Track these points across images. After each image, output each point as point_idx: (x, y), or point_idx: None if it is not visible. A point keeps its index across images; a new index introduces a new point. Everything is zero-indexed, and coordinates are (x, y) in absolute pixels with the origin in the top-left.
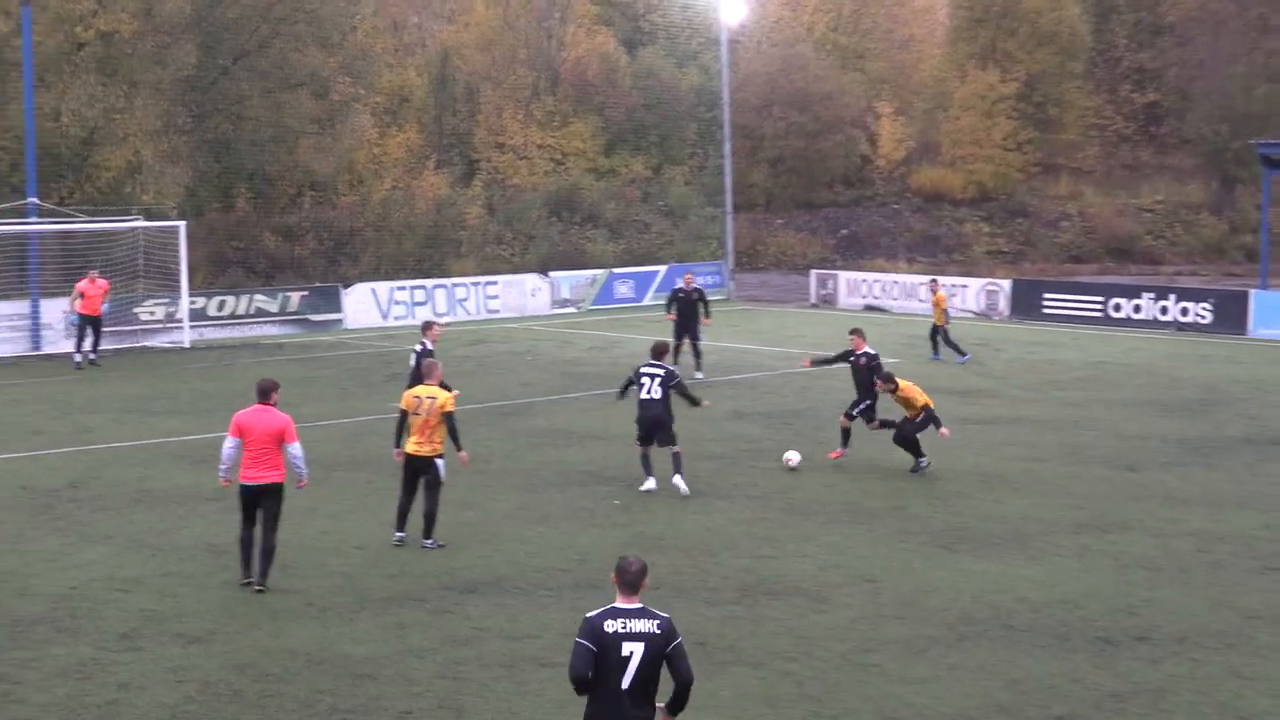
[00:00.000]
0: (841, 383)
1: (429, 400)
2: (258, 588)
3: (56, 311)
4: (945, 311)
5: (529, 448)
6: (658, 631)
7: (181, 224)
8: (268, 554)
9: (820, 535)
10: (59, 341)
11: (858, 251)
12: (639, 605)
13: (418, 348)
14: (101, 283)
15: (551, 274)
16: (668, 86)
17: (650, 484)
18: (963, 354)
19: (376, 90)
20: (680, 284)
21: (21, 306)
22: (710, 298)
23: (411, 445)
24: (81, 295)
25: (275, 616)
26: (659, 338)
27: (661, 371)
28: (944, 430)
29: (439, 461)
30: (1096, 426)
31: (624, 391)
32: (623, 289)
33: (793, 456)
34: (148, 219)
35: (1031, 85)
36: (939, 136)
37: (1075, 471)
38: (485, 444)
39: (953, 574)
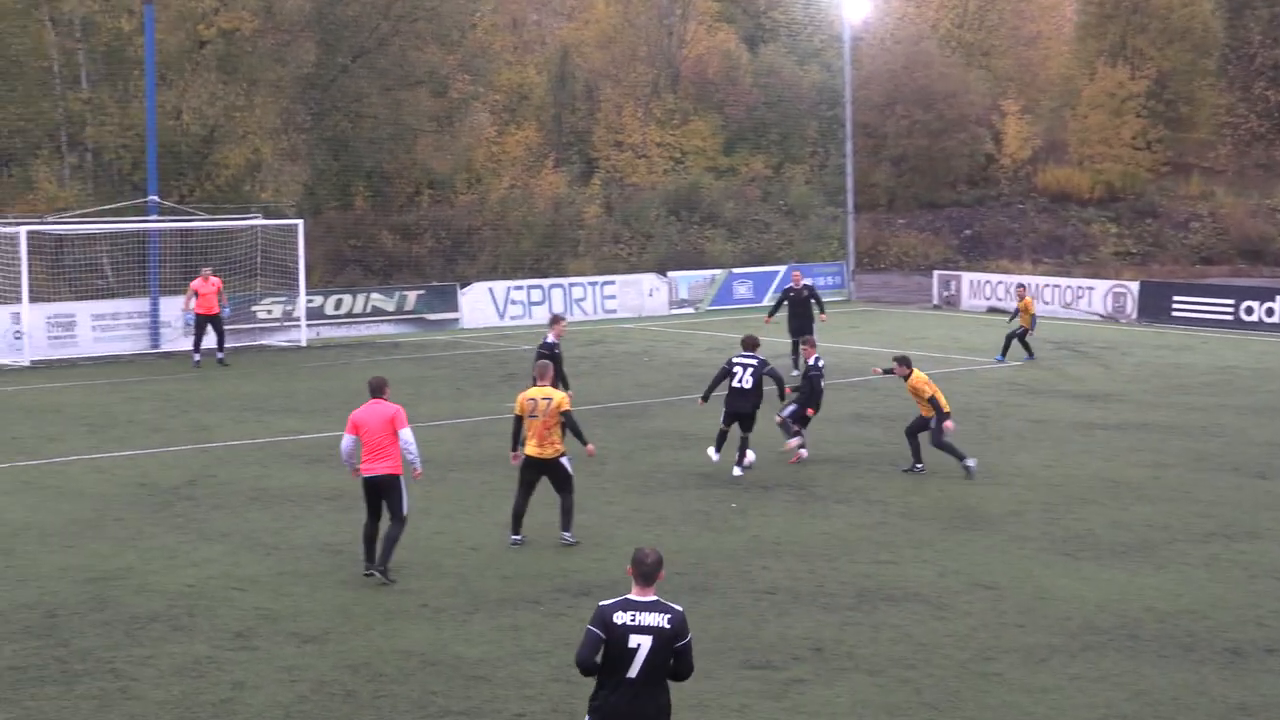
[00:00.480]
0: (966, 385)
1: (544, 402)
2: (370, 573)
3: (175, 309)
4: (1033, 317)
5: (645, 449)
6: (667, 626)
7: (299, 222)
8: (389, 541)
9: (939, 541)
10: (177, 339)
11: (981, 252)
12: (653, 598)
13: (549, 338)
14: (215, 281)
15: (669, 274)
16: (789, 84)
17: (715, 456)
18: (1031, 354)
19: (495, 88)
20: (790, 282)
21: (141, 304)
22: (830, 299)
23: (532, 448)
24: (195, 294)
25: (390, 617)
26: (776, 337)
27: (754, 361)
28: (948, 424)
29: (564, 460)
30: (1225, 432)
31: (712, 389)
32: (741, 289)
33: (712, 453)
34: (266, 217)
35: (1162, 83)
36: (1066, 135)
37: (1203, 478)
38: (601, 446)
39: (1075, 582)
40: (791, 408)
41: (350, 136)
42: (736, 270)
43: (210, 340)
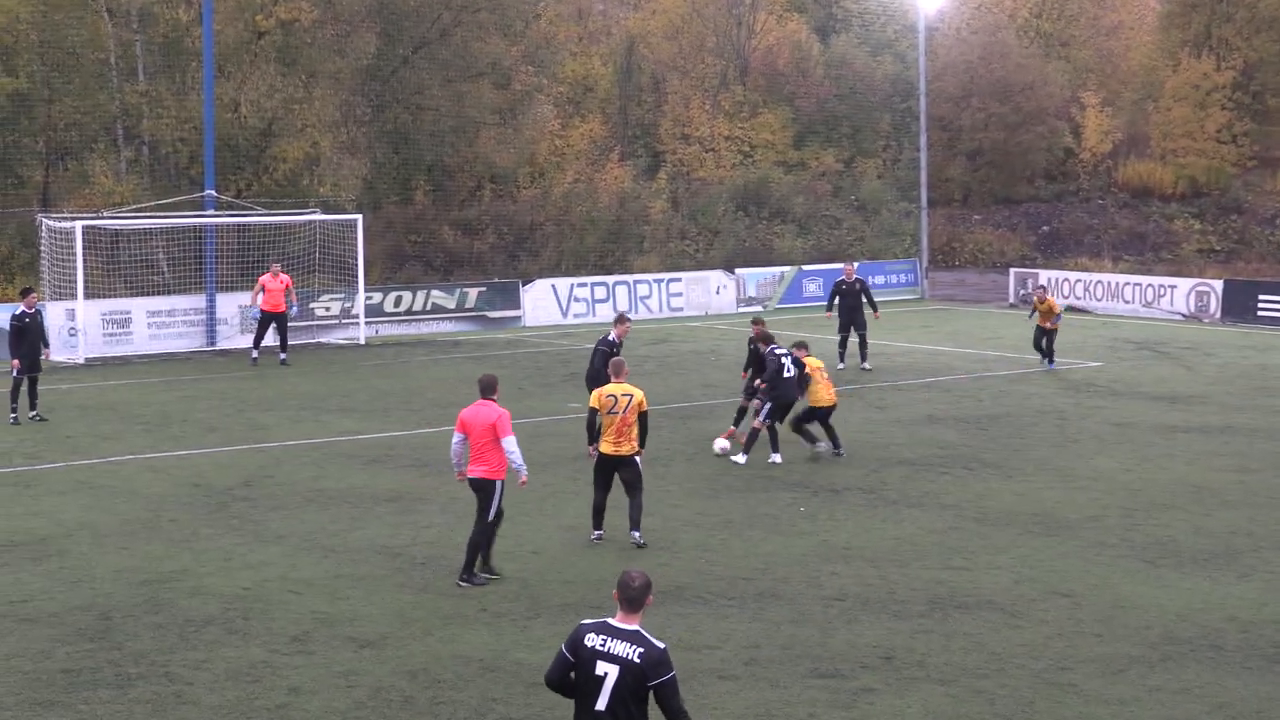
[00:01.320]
0: (1043, 387)
1: (624, 399)
2: (466, 582)
3: (232, 306)
4: (1057, 316)
5: (710, 451)
6: (637, 660)
7: (359, 217)
8: (473, 546)
9: (1014, 546)
10: (234, 337)
11: (1059, 249)
12: (633, 627)
13: (611, 337)
14: (284, 278)
15: (737, 271)
16: (861, 76)
17: (777, 457)
18: (1051, 361)
19: (559, 80)
20: (842, 275)
21: (197, 301)
22: (903, 297)
23: (608, 445)
24: (263, 289)
25: (449, 622)
26: (827, 333)
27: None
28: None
29: (638, 458)
30: None
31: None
32: (811, 287)
33: (721, 444)
34: (325, 212)
35: (1249, 74)
36: (1148, 128)
37: None
38: (666, 447)
39: (1155, 590)
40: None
41: (411, 129)
42: (806, 267)
43: (272, 338)
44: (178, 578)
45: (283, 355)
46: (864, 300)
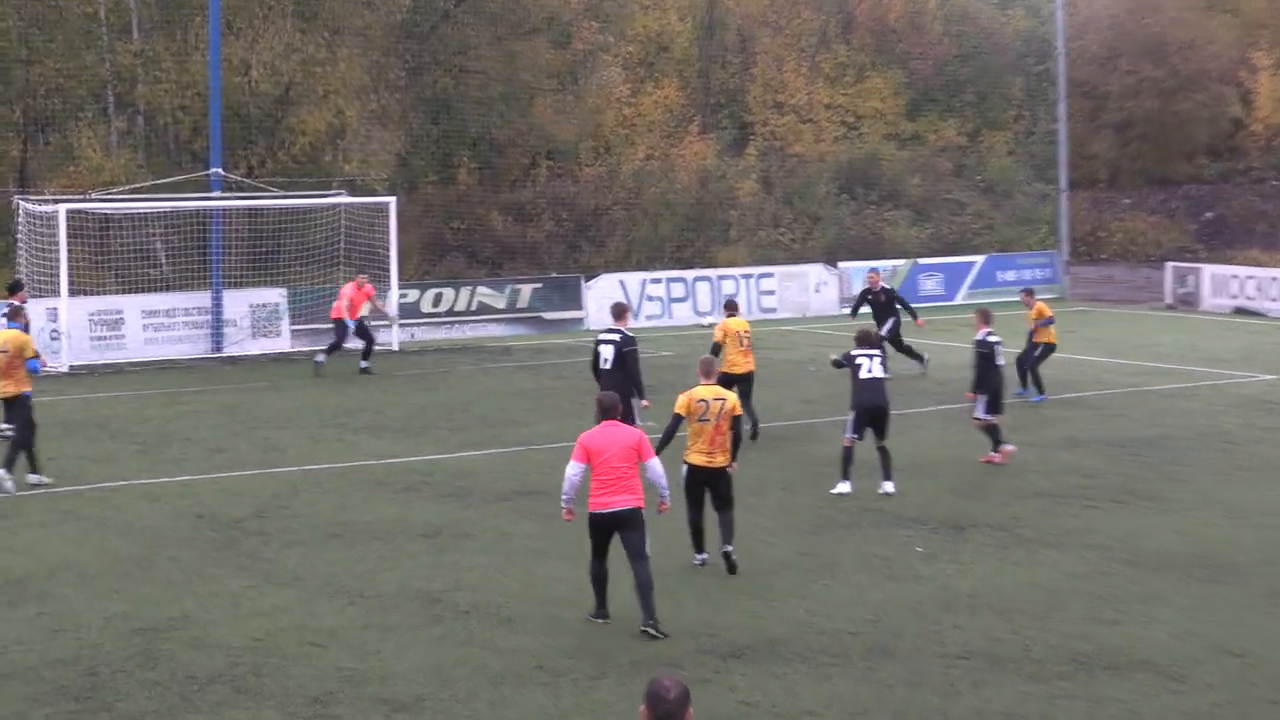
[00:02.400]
0: (1207, 404)
1: (717, 403)
2: (647, 628)
3: (242, 305)
4: (1049, 321)
5: (811, 479)
6: None
7: (391, 200)
8: (644, 588)
9: (1173, 595)
10: (244, 341)
11: (1226, 240)
12: None
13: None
14: (368, 289)
15: (841, 265)
16: (987, 33)
17: (845, 487)
18: (1041, 391)
19: (629, 38)
20: (866, 283)
21: (200, 299)
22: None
23: (699, 456)
24: (351, 302)
25: (498, 681)
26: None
27: (880, 352)
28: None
29: (730, 470)
30: None
31: (839, 364)
32: (929, 284)
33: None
34: (351, 193)
35: None
36: None
37: None
38: (757, 474)
39: None
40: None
41: (453, 96)
42: (923, 260)
43: (343, 346)
44: (177, 626)
45: (365, 363)
46: (898, 309)
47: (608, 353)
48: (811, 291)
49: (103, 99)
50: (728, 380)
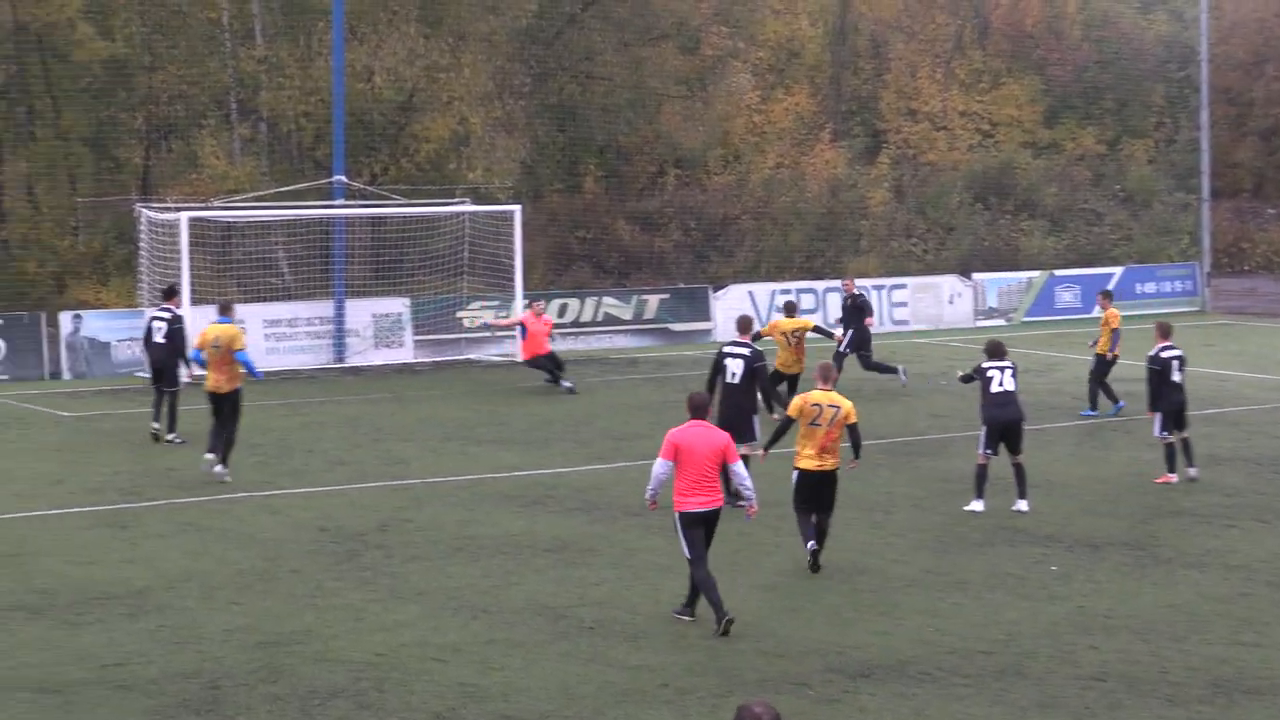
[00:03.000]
0: None
1: (831, 410)
2: (682, 614)
3: (364, 315)
4: (1114, 333)
5: (941, 495)
6: None
7: (516, 208)
8: (708, 585)
9: None
10: (366, 351)
11: None
12: None
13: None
14: (547, 319)
15: (975, 276)
16: (1128, 38)
17: (979, 505)
18: (1117, 401)
19: (759, 43)
20: (843, 290)
21: (323, 308)
22: (1180, 309)
23: (809, 461)
24: (525, 329)
25: (623, 699)
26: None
27: (1011, 365)
28: None
29: (838, 475)
30: None
31: (969, 379)
32: (1066, 296)
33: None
34: (475, 202)
35: None
36: None
37: None
38: (886, 490)
39: None
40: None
41: (579, 103)
42: (1059, 272)
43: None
44: (299, 640)
45: (567, 383)
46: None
47: (736, 367)
48: (945, 303)
49: (225, 106)
50: (778, 378)
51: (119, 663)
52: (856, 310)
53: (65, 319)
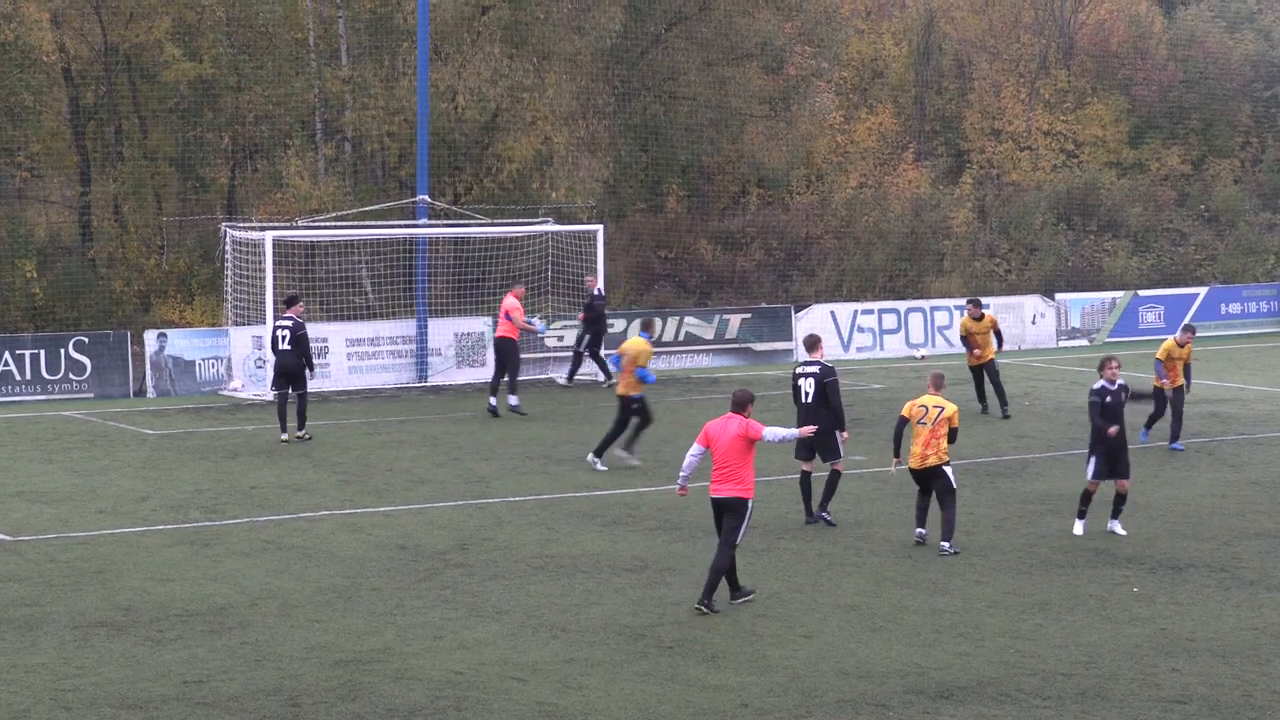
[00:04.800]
0: None
1: (935, 410)
2: (700, 607)
3: (447, 334)
4: (1186, 367)
5: (1023, 517)
6: None
7: (599, 228)
8: (715, 571)
9: None
10: (448, 371)
11: None
12: None
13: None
14: (529, 321)
15: (1058, 296)
16: (1215, 57)
17: (1079, 528)
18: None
19: (842, 63)
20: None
21: (406, 327)
22: (1265, 329)
23: (915, 460)
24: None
25: (702, 718)
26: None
27: (1116, 387)
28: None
29: (947, 468)
30: None
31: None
32: (1150, 317)
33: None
34: (559, 221)
35: None
36: None
37: None
38: (969, 511)
39: None
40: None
41: (662, 123)
42: (1143, 293)
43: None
44: (379, 658)
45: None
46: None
47: (808, 386)
48: (1027, 323)
49: (310, 126)
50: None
51: (200, 680)
52: (591, 310)
53: (150, 337)
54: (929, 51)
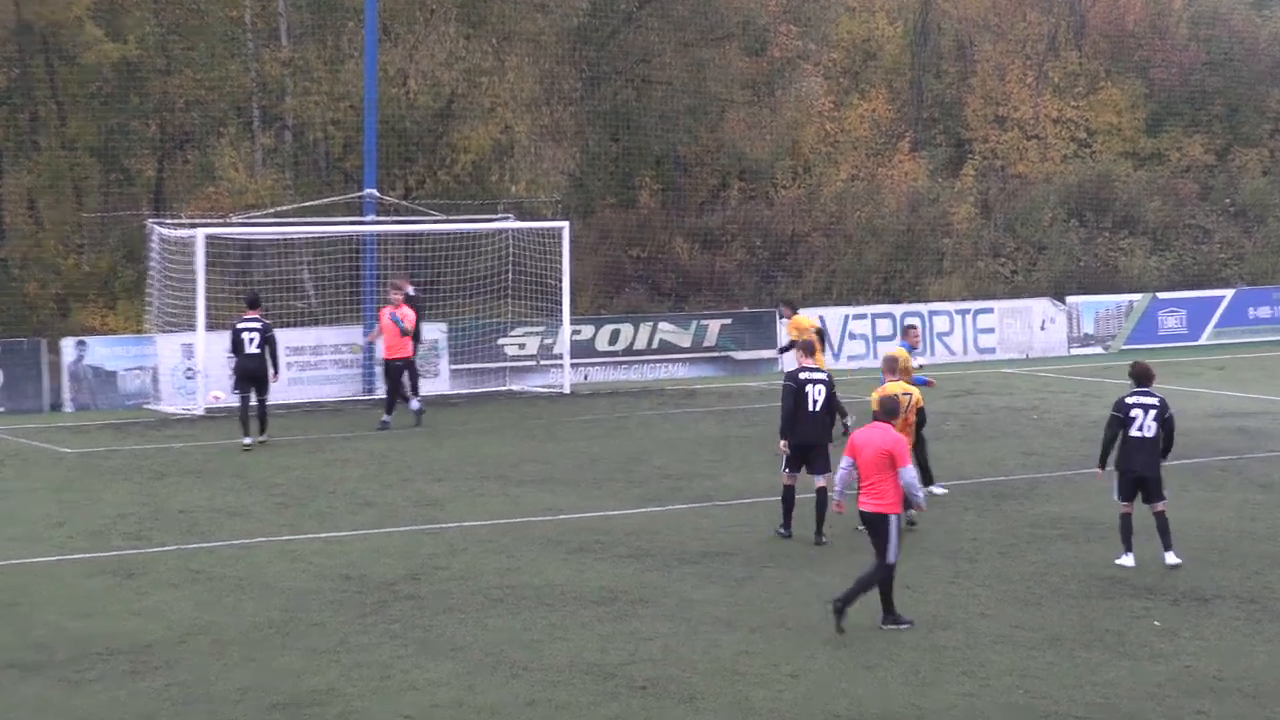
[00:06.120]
0: None
1: (905, 397)
2: (832, 604)
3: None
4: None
5: (1032, 542)
6: None
7: (564, 225)
8: (861, 582)
9: None
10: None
11: None
12: None
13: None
14: (408, 313)
15: (1069, 299)
16: (1240, 37)
17: (1128, 560)
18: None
19: (832, 44)
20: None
21: (351, 334)
22: None
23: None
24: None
25: None
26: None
27: (1156, 402)
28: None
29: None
30: None
31: (1108, 449)
32: (1170, 322)
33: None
34: (519, 217)
35: None
36: None
37: None
38: (971, 536)
39: None
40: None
41: (634, 109)
42: (1163, 295)
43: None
44: (321, 700)
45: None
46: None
47: (818, 394)
48: (1036, 329)
49: (247, 113)
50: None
51: None
52: None
53: (68, 345)
54: (926, 31)
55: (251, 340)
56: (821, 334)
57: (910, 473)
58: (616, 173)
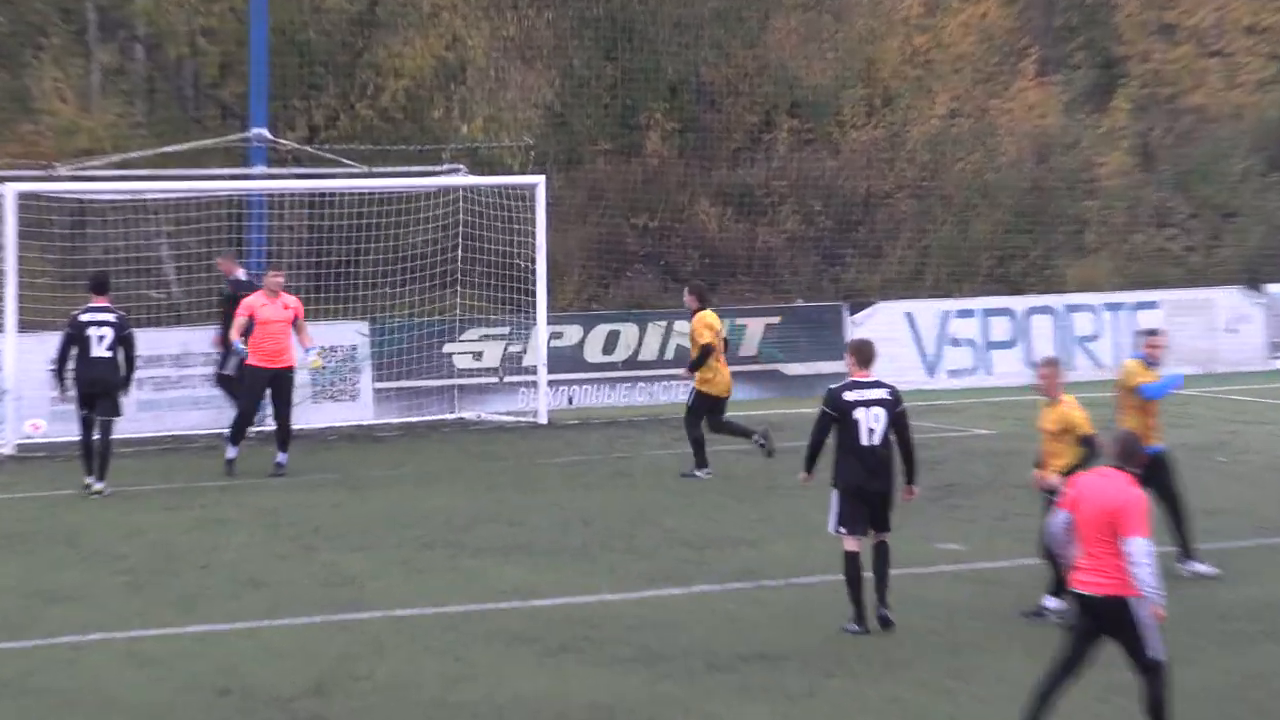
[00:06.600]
0: None
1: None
2: None
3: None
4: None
5: (1226, 643)
6: None
7: (539, 180)
8: (1153, 704)
9: None
10: (299, 406)
11: None
12: None
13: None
14: (289, 303)
15: (1269, 288)
16: None
17: None
18: None
19: None
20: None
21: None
22: None
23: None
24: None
25: None
26: None
27: None
28: None
29: None
30: None
31: None
32: None
33: None
34: (474, 170)
35: None
36: None
37: None
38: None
39: None
40: None
41: (639, 16)
42: None
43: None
44: None
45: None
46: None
47: (872, 420)
48: (1221, 331)
49: (78, 17)
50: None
51: None
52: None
53: None
54: None
55: (102, 339)
56: (727, 341)
57: (1142, 547)
58: (613, 106)
